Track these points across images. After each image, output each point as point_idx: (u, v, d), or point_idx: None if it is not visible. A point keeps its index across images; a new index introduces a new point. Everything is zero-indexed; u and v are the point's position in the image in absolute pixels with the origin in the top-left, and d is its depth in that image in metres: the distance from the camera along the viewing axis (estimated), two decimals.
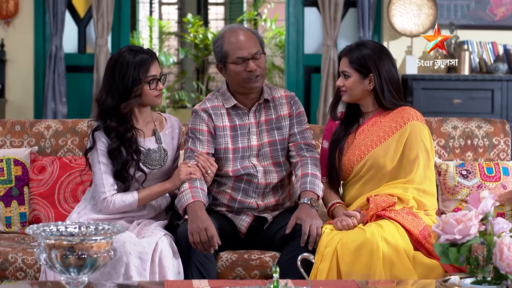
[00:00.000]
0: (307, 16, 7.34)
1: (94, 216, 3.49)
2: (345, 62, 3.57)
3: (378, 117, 3.60)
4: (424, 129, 3.54)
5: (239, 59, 3.54)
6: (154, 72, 3.50)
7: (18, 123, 4.15)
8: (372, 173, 3.53)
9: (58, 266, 2.34)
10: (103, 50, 7.06)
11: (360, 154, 3.55)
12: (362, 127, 3.61)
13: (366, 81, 3.54)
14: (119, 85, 3.46)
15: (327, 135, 3.72)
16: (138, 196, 3.48)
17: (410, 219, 3.35)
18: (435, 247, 2.59)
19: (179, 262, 3.32)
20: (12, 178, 3.97)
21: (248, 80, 3.55)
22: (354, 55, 3.55)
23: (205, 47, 13.24)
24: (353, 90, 3.56)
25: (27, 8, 7.13)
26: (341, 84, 3.57)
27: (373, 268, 3.20)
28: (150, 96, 3.50)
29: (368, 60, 3.53)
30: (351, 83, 3.55)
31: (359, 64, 3.53)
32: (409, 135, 3.50)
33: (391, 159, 3.50)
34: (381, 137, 3.54)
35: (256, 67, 3.53)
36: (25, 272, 3.48)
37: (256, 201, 3.59)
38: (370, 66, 3.52)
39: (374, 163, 3.52)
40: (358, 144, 3.58)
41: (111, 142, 3.48)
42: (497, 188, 3.90)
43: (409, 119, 3.53)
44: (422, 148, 3.50)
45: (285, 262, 3.31)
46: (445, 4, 6.95)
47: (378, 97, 3.55)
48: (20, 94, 7.20)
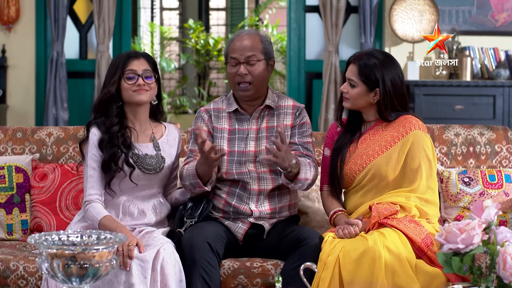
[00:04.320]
0: (308, 22, 7.34)
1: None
2: (353, 70, 3.54)
3: (379, 125, 3.59)
4: (426, 138, 3.53)
5: (232, 59, 3.56)
6: (133, 67, 3.52)
7: (20, 130, 4.15)
8: (374, 182, 3.52)
9: (60, 276, 2.33)
10: (105, 56, 7.07)
11: (362, 163, 3.54)
12: (363, 136, 3.60)
13: (371, 94, 3.52)
14: (105, 81, 3.57)
15: (329, 142, 3.71)
16: (101, 220, 3.43)
17: (412, 227, 3.34)
18: (438, 256, 2.59)
19: (181, 270, 3.31)
20: (13, 186, 3.96)
21: (239, 86, 3.55)
22: (363, 65, 3.51)
23: (207, 53, 13.25)
24: (356, 100, 3.54)
25: (28, 13, 7.14)
26: (345, 91, 3.56)
27: (375, 277, 3.19)
28: (127, 91, 3.53)
29: (376, 73, 3.49)
30: (356, 93, 3.53)
31: (367, 77, 3.50)
32: (411, 145, 3.49)
33: (393, 168, 3.49)
34: (383, 147, 3.53)
35: (246, 72, 3.53)
36: (27, 280, 3.47)
37: (250, 207, 3.57)
38: (378, 80, 3.49)
39: (376, 172, 3.51)
40: (360, 153, 3.57)
41: (101, 135, 3.52)
42: (499, 195, 3.89)
43: (411, 128, 3.51)
44: (424, 157, 3.49)
45: (289, 271, 3.30)
46: (446, 10, 6.95)
47: (381, 109, 3.54)
48: (21, 100, 7.20)
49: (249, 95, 3.58)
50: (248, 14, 14.68)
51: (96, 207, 3.44)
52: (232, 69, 3.57)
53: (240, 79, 3.55)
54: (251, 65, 3.54)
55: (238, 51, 3.55)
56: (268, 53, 3.60)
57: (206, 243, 3.37)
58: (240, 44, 3.56)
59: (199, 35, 13.36)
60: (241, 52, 3.54)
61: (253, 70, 3.54)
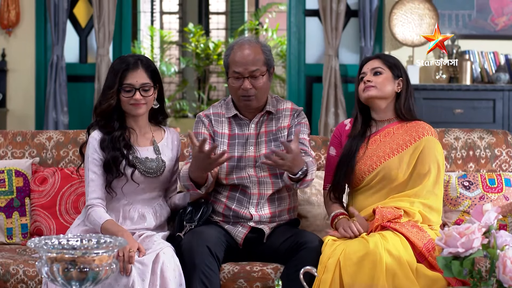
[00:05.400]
0: (308, 26, 7.35)
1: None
2: (377, 62, 3.64)
3: (391, 128, 3.60)
4: (438, 145, 3.56)
5: (235, 73, 3.54)
6: (131, 80, 3.51)
7: (20, 134, 4.15)
8: (382, 184, 3.53)
9: (60, 280, 2.33)
10: (105, 60, 7.07)
11: (372, 164, 3.55)
12: (374, 137, 3.61)
13: (396, 83, 3.61)
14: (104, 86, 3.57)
15: (335, 142, 3.71)
16: (103, 224, 3.42)
17: (415, 232, 3.34)
18: (438, 260, 2.59)
19: (181, 274, 3.31)
20: (13, 189, 3.96)
21: (243, 98, 3.55)
22: (388, 58, 3.66)
23: (206, 57, 13.26)
24: (384, 86, 3.59)
25: (28, 17, 7.14)
26: (370, 79, 3.59)
27: (376, 280, 3.19)
28: (125, 104, 3.53)
29: (400, 65, 3.65)
30: (384, 79, 3.60)
31: (393, 64, 3.63)
32: (423, 149, 3.51)
33: (403, 172, 3.51)
34: (395, 149, 3.54)
35: (250, 87, 3.52)
36: (27, 284, 3.47)
37: (250, 212, 3.57)
38: (402, 71, 3.63)
39: (386, 174, 3.52)
40: (370, 154, 3.57)
41: (102, 136, 3.53)
42: (499, 199, 3.89)
43: (424, 133, 3.54)
44: (434, 163, 3.50)
45: (289, 275, 3.31)
46: (446, 14, 6.96)
47: (398, 105, 3.60)
48: (21, 104, 7.20)
49: (253, 105, 3.59)
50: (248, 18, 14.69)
51: (98, 211, 3.44)
52: (235, 83, 3.55)
53: (244, 93, 3.54)
54: (255, 79, 3.54)
55: (241, 65, 3.53)
56: (270, 63, 3.60)
57: (206, 247, 3.37)
58: (242, 56, 3.54)
59: (199, 39, 13.37)
60: (244, 66, 3.52)
61: (257, 83, 3.54)
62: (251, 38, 3.69)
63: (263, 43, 3.64)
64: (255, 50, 3.56)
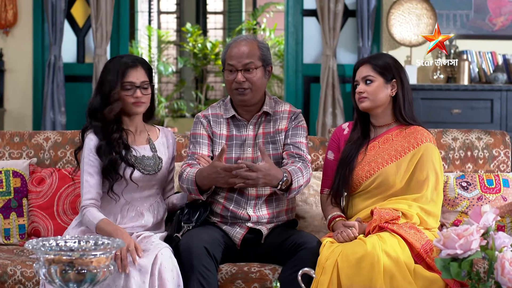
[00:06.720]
0: (306, 26, 7.34)
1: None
2: (367, 68, 3.58)
3: (390, 134, 3.59)
4: (436, 152, 3.55)
5: (230, 66, 3.55)
6: (132, 78, 3.50)
7: (17, 135, 4.14)
8: (380, 190, 3.52)
9: (58, 281, 2.33)
10: (102, 60, 7.06)
11: (369, 170, 3.54)
12: (373, 143, 3.60)
13: (389, 86, 3.57)
14: (102, 87, 3.53)
15: (333, 146, 3.70)
16: (98, 223, 3.41)
17: (412, 233, 3.34)
18: (436, 261, 2.58)
19: (179, 275, 3.31)
20: (11, 190, 3.96)
21: (236, 91, 3.55)
22: (377, 61, 3.58)
23: (204, 56, 13.25)
24: (377, 95, 3.55)
25: (26, 17, 7.13)
26: (362, 90, 3.56)
27: (374, 281, 3.18)
28: (127, 102, 3.52)
29: (392, 66, 3.57)
30: (375, 87, 3.55)
31: (383, 68, 3.56)
32: (421, 156, 3.51)
33: (401, 178, 3.50)
34: (393, 156, 3.54)
35: (243, 79, 3.53)
36: (24, 285, 3.47)
37: (247, 212, 3.57)
38: (394, 72, 3.56)
39: (383, 180, 3.51)
40: (368, 160, 3.57)
41: (98, 141, 3.51)
42: (497, 200, 3.89)
43: (423, 140, 3.54)
44: (432, 170, 3.50)
45: (287, 276, 3.30)
46: (444, 13, 6.96)
47: (397, 107, 3.57)
48: (18, 104, 7.19)
49: (246, 99, 3.58)
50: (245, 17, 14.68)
51: (92, 212, 3.43)
52: (230, 76, 3.57)
53: (237, 86, 3.55)
54: (249, 72, 3.54)
55: (235, 58, 3.55)
56: (266, 59, 3.60)
57: (204, 248, 3.36)
58: (238, 51, 3.56)
59: (196, 38, 13.36)
60: (238, 59, 3.54)
61: (251, 77, 3.54)
62: (249, 35, 3.71)
63: (261, 40, 3.66)
64: (251, 46, 3.57)
